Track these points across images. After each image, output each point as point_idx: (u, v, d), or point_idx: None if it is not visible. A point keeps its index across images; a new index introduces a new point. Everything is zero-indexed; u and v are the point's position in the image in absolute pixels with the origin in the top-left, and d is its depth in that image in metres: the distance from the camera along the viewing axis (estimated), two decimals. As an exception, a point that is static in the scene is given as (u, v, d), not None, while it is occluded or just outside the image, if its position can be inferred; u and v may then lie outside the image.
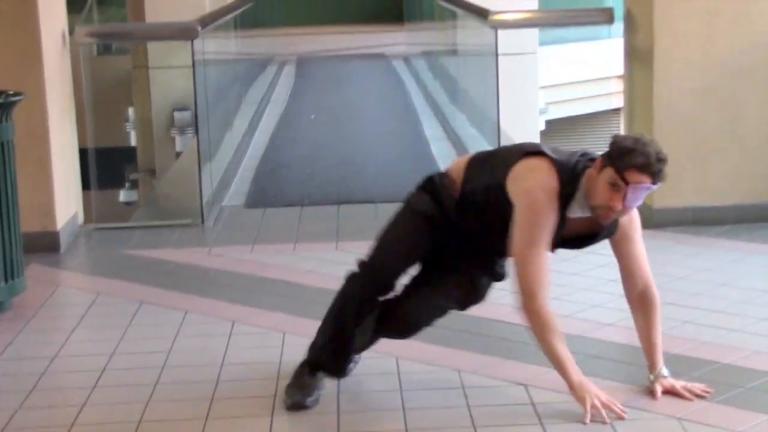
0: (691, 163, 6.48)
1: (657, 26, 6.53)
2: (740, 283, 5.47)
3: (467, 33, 10.14)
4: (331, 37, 20.40)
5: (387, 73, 16.91)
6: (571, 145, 18.81)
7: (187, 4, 14.11)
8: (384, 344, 4.35)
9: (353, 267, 4.18)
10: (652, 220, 6.28)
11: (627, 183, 3.78)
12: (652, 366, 4.11)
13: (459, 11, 10.58)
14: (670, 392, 4.04)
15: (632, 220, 4.07)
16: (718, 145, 6.52)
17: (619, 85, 7.20)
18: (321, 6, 23.53)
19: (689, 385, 4.07)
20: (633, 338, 4.30)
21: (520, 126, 10.98)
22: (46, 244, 6.38)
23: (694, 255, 5.99)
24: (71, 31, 6.99)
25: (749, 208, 6.46)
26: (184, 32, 7.42)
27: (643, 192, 3.86)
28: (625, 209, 3.88)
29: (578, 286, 5.49)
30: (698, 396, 4.02)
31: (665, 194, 5.90)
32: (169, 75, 10.31)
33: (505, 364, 4.47)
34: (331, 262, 6.03)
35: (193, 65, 7.46)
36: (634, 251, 4.10)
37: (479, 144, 9.07)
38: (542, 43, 13.47)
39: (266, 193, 8.47)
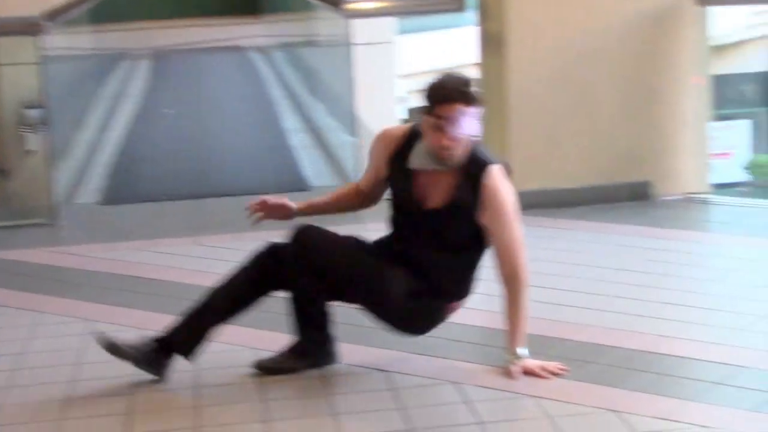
0: (547, 147, 6.58)
1: (509, 13, 6.57)
2: (596, 262, 5.57)
3: (322, 24, 10.12)
4: (186, 30, 20.14)
5: (245, 67, 16.76)
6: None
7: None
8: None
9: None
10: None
11: (441, 117, 3.96)
12: (509, 347, 4.16)
13: (312, 1, 10.55)
14: (527, 372, 4.09)
15: (499, 201, 4.10)
16: (571, 129, 6.63)
17: (476, 73, 7.23)
18: (175, -1, 23.31)
19: (545, 364, 4.12)
20: (492, 321, 4.36)
21: (378, 115, 10.99)
22: None
23: (551, 237, 6.06)
24: None
25: (603, 188, 6.58)
26: (29, 27, 7.24)
27: (460, 118, 3.98)
28: (454, 140, 4.00)
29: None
30: (554, 374, 4.07)
31: (521, 178, 5.89)
32: (18, 72, 10.04)
33: (434, 362, 4.39)
34: (191, 257, 5.98)
35: (40, 62, 7.28)
36: (502, 233, 4.13)
37: (337, 134, 9.07)
38: (403, 32, 13.48)
39: (123, 189, 8.36)
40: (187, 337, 4.20)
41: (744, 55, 21.54)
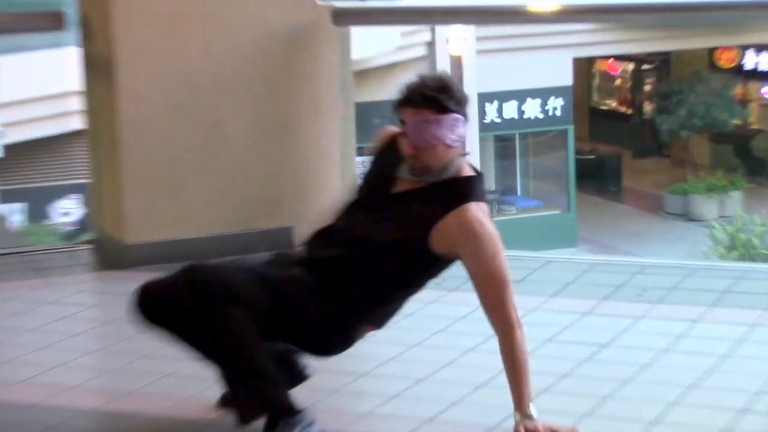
0: (167, 191, 3.10)
1: (116, 34, 3.09)
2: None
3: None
4: None
5: None
6: (32, 175, 10.05)
7: None
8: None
9: None
10: (124, 259, 2.99)
11: (403, 123, 1.91)
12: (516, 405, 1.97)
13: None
14: None
15: (466, 235, 1.86)
16: (196, 169, 3.15)
17: (80, 103, 3.63)
18: None
19: (557, 426, 1.96)
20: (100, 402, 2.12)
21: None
22: None
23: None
24: None
25: (237, 237, 3.11)
26: None
27: (423, 126, 1.86)
28: (415, 149, 1.88)
29: (36, 345, 2.65)
30: None
31: (138, 228, 2.72)
32: None
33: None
34: None
35: None
36: (471, 273, 1.88)
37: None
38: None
39: None
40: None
41: (395, 80, 9.45)
